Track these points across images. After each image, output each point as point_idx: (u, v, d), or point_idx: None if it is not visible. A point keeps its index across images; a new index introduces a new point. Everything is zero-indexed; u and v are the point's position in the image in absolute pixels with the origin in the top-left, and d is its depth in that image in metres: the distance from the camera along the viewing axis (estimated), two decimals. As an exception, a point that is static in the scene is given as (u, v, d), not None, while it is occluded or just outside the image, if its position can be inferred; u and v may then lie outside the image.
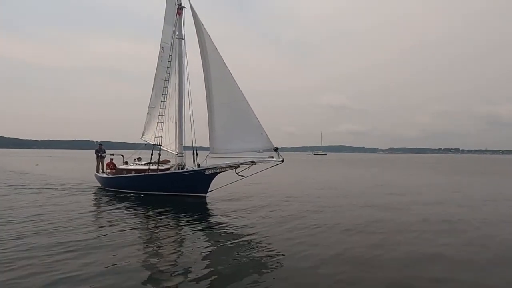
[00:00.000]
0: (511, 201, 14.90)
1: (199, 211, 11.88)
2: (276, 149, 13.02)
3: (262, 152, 13.85)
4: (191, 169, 14.24)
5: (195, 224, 9.70)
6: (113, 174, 16.57)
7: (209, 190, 14.23)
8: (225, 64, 14.00)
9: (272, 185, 18.96)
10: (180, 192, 14.20)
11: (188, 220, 10.21)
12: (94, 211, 11.70)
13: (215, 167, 13.66)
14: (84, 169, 31.95)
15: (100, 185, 17.60)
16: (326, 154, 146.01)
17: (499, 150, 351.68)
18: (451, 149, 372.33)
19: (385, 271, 6.09)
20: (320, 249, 7.29)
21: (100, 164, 18.26)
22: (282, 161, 12.85)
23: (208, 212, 12.05)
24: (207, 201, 13.70)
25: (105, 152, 18.69)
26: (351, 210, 11.94)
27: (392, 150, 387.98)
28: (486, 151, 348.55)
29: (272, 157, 13.07)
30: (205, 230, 9.08)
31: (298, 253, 7.00)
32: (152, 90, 18.01)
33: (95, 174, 18.36)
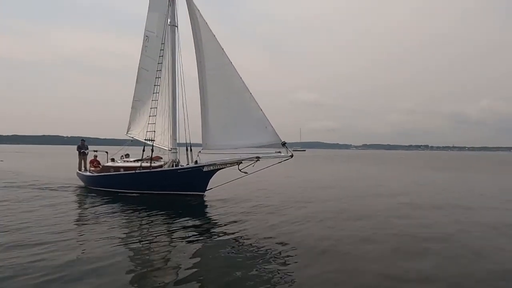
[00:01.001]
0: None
1: (196, 212, 10.96)
2: (284, 144, 12.17)
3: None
4: (188, 165, 13.23)
5: (192, 228, 8.70)
6: (98, 172, 15.26)
7: (207, 188, 13.27)
8: (224, 54, 12.96)
9: (266, 183, 18.04)
10: (175, 191, 13.17)
11: (183, 223, 9.18)
12: (77, 215, 10.38)
13: (215, 164, 12.70)
14: (61, 165, 29.92)
15: (83, 184, 16.21)
16: (305, 151, 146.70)
17: (465, 147, 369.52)
18: (421, 145, 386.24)
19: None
20: (323, 256, 6.63)
21: (83, 161, 16.84)
22: (291, 156, 12.00)
23: (206, 213, 11.07)
24: (205, 200, 12.74)
25: (87, 148, 17.28)
26: (351, 212, 10.99)
27: (365, 146, 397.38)
28: (453, 148, 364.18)
29: (280, 152, 12.21)
30: (202, 235, 8.13)
31: (302, 261, 6.32)
32: (136, 82, 16.78)
33: (77, 172, 16.92)
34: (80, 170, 16.80)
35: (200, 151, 13.53)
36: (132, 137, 16.73)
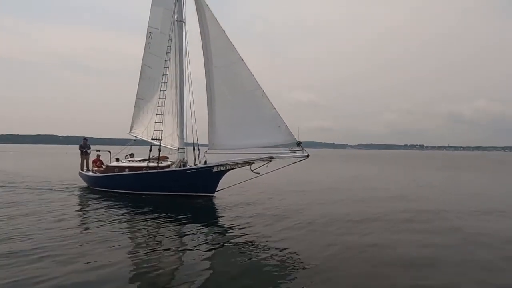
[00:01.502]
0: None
1: (205, 215, 10.59)
2: (299, 143, 11.71)
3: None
4: (197, 166, 12.80)
5: (200, 232, 8.30)
6: (102, 172, 14.78)
7: (217, 189, 12.86)
8: (234, 50, 12.48)
9: (271, 184, 17.39)
10: (183, 192, 12.72)
11: (191, 227, 8.80)
12: (79, 217, 9.96)
13: (225, 164, 12.26)
14: (61, 165, 29.27)
15: (85, 185, 15.73)
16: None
17: (460, 147, 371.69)
18: (416, 145, 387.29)
19: None
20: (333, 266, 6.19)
21: (85, 161, 16.33)
22: (307, 156, 11.54)
23: (215, 216, 10.70)
24: (215, 202, 12.30)
25: (90, 148, 16.76)
26: (353, 215, 10.38)
27: (361, 146, 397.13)
28: (448, 147, 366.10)
29: (294, 152, 11.75)
30: (210, 239, 7.73)
31: (308, 267, 6.01)
32: (139, 80, 16.34)
33: (80, 172, 16.41)
34: (82, 170, 16.29)
35: (206, 151, 13.11)
36: (136, 136, 16.30)
